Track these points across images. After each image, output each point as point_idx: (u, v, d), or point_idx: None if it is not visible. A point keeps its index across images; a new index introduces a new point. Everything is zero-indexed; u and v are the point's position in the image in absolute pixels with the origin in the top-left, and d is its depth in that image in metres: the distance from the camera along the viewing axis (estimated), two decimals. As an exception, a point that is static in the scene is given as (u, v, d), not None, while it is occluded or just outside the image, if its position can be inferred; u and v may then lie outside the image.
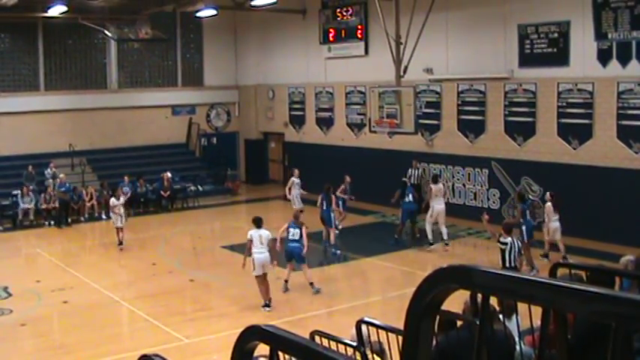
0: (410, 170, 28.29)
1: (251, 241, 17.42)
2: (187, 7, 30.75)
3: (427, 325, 2.74)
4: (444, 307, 2.76)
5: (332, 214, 23.92)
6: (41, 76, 33.63)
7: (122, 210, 24.71)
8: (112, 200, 25.01)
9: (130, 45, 35.39)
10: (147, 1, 31.17)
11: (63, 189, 29.07)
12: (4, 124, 31.98)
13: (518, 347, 6.59)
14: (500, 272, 2.54)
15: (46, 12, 29.83)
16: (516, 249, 16.34)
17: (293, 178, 27.15)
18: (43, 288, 19.68)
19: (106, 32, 33.10)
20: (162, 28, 33.60)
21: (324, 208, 23.92)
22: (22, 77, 33.43)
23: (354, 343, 7.63)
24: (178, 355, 14.15)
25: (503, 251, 16.31)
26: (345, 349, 7.66)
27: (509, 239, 16.35)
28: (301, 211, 23.02)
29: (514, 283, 2.48)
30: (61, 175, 29.84)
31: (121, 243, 24.36)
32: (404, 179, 26.53)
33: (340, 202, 25.44)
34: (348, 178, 26.20)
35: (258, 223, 17.73)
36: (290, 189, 26.92)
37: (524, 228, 20.29)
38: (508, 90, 25.27)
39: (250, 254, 17.42)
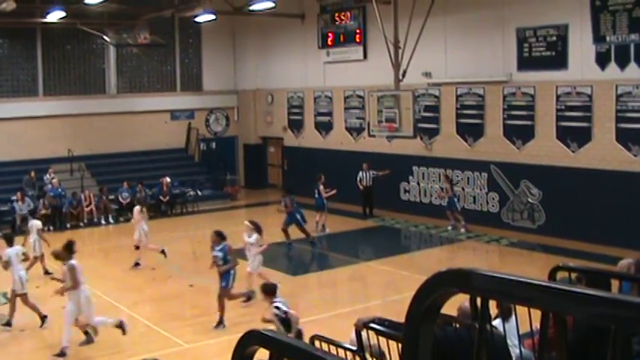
0: (360, 173, 28.60)
1: (10, 260, 16.98)
2: (186, 12, 30.72)
3: (427, 329, 2.73)
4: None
5: (324, 201, 26.87)
6: (40, 82, 33.61)
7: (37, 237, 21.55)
8: (35, 223, 22.18)
9: (129, 50, 35.40)
10: (145, 7, 31.19)
11: (52, 194, 29.11)
12: (3, 130, 31.96)
13: (517, 350, 6.59)
14: (499, 275, 2.54)
15: (44, 17, 29.81)
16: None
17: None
18: (42, 293, 19.61)
19: (105, 37, 33.12)
20: (160, 33, 33.59)
21: (317, 196, 26.88)
22: (20, 83, 33.38)
23: (354, 347, 7.64)
24: (178, 360, 14.15)
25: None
26: (345, 354, 7.66)
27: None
28: None
29: (513, 286, 2.48)
30: (54, 180, 29.85)
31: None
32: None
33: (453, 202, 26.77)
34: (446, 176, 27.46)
35: (10, 239, 17.60)
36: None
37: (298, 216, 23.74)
38: (507, 93, 25.28)
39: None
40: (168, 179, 31.78)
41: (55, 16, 29.08)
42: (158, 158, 35.17)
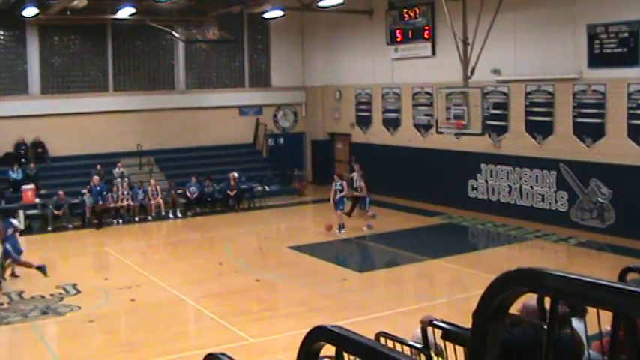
0: (354, 174, 28.57)
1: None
2: (254, 8, 30.90)
3: (495, 328, 2.71)
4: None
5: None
6: (110, 77, 34.07)
7: None
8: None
9: (198, 46, 35.66)
10: (214, 3, 31.42)
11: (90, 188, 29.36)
12: (74, 124, 32.47)
13: (586, 352, 6.49)
14: (570, 275, 2.51)
15: (115, 14, 30.18)
16: None
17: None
18: (110, 286, 19.93)
19: (174, 34, 33.44)
20: (229, 30, 33.82)
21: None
22: (91, 78, 33.88)
23: (420, 345, 7.60)
24: (244, 354, 14.19)
25: None
26: (411, 351, 7.63)
27: None
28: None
29: (584, 286, 2.45)
30: (95, 178, 29.72)
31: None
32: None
33: None
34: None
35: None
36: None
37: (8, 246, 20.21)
38: (577, 91, 24.93)
39: None
40: (235, 174, 31.95)
41: (125, 12, 29.42)
42: (226, 153, 35.42)
